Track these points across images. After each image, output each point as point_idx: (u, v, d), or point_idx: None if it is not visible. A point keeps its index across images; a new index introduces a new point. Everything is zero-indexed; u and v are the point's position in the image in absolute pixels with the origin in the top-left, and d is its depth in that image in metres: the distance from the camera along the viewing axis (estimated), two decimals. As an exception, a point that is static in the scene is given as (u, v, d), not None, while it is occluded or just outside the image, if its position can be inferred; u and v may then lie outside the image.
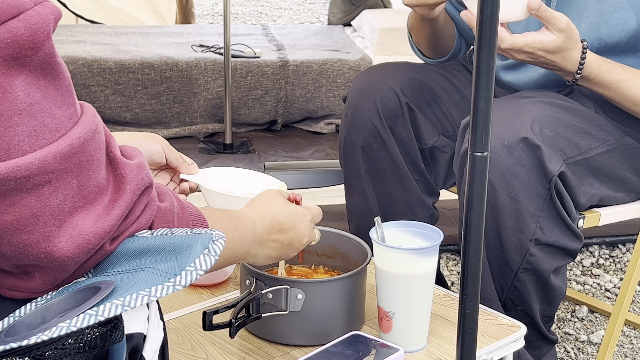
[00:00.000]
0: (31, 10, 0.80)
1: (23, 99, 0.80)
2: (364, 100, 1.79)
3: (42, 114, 0.81)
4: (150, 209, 0.93)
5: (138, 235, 0.91)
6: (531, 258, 1.57)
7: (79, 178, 0.84)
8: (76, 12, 4.01)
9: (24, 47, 0.79)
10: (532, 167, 1.53)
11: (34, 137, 0.80)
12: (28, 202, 0.81)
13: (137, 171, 0.91)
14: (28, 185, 0.80)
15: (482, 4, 0.97)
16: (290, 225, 1.23)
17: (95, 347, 0.81)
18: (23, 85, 0.80)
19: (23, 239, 0.82)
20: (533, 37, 1.56)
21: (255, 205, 1.22)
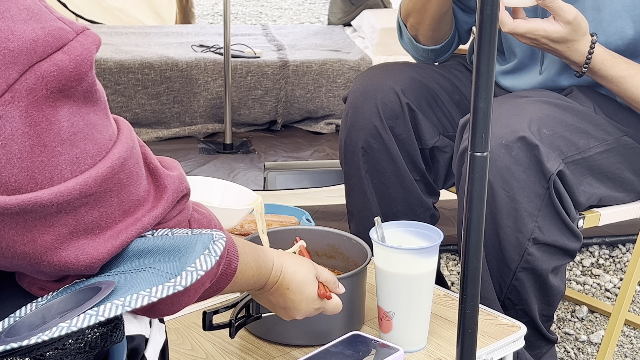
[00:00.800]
0: (74, 41, 0.81)
1: (67, 129, 0.81)
2: (365, 101, 1.79)
3: (84, 142, 0.82)
4: (183, 215, 0.95)
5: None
6: (529, 257, 1.57)
7: (120, 196, 0.86)
8: (76, 12, 4.01)
9: (69, 79, 0.80)
10: (530, 166, 1.53)
11: (76, 164, 0.82)
12: (66, 221, 0.82)
13: (178, 182, 0.93)
14: (68, 208, 0.82)
15: (482, 4, 0.97)
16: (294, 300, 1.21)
17: (95, 347, 0.81)
18: (67, 116, 0.81)
19: (62, 256, 0.83)
20: (537, 25, 1.56)
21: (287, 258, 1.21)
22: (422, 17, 1.84)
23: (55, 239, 0.82)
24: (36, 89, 0.79)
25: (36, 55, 0.78)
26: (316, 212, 2.48)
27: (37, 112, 0.79)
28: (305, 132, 3.29)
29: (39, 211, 0.80)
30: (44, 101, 0.79)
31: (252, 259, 1.10)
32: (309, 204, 2.47)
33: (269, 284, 1.17)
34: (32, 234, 0.81)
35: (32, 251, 0.82)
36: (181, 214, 0.94)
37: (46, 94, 0.79)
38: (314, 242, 1.53)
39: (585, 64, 1.61)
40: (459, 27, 1.90)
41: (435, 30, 1.86)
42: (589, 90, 1.72)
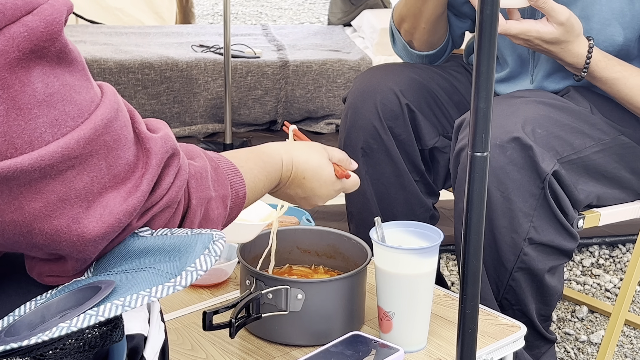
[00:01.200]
0: (45, 4, 0.81)
1: (42, 90, 0.80)
2: (364, 102, 1.79)
3: (62, 103, 0.81)
4: (180, 179, 0.93)
5: (138, 234, 0.91)
6: (525, 257, 1.57)
7: (107, 159, 0.84)
8: (76, 12, 4.01)
9: (41, 39, 0.80)
10: (524, 167, 1.53)
11: (56, 127, 0.81)
12: (54, 187, 0.81)
13: (161, 143, 0.91)
14: (52, 172, 0.81)
15: (482, 4, 0.97)
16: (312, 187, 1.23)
17: (95, 347, 0.81)
18: (41, 77, 0.80)
19: (53, 224, 0.82)
20: (529, 26, 1.56)
21: (295, 148, 1.22)
22: (418, 21, 1.84)
23: (44, 206, 0.81)
24: (7, 51, 0.78)
25: (5, 19, 0.78)
26: (316, 212, 2.48)
27: (9, 74, 0.78)
28: (305, 132, 3.29)
29: (22, 177, 0.79)
30: (15, 63, 0.78)
31: (259, 171, 1.12)
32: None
33: (283, 180, 1.18)
34: (19, 202, 0.80)
35: (21, 219, 0.81)
36: (178, 178, 0.93)
37: (18, 55, 0.78)
38: (314, 242, 1.53)
39: (584, 68, 1.61)
40: (452, 32, 1.90)
41: (431, 33, 1.86)
42: (586, 91, 1.72)
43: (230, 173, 1.06)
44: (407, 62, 1.92)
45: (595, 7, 1.63)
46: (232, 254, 1.58)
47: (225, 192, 1.03)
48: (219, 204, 1.01)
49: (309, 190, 1.22)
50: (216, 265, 1.53)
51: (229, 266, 1.56)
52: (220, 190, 1.02)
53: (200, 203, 0.97)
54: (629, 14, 1.63)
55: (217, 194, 1.01)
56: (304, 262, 1.54)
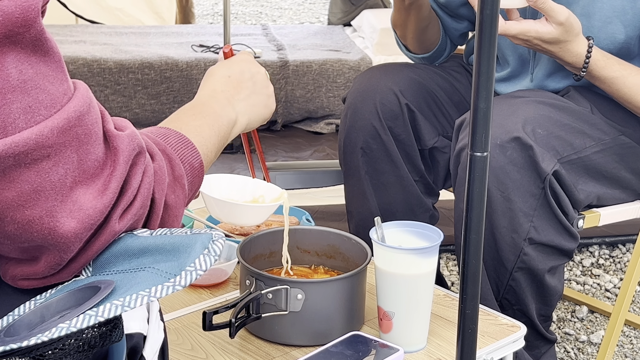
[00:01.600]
0: None
1: (16, 76, 0.80)
2: (364, 102, 1.79)
3: (35, 90, 0.81)
4: (148, 176, 0.93)
5: (138, 234, 0.91)
6: (525, 257, 1.57)
7: (79, 152, 0.85)
8: (76, 12, 4.01)
9: (15, 25, 0.79)
10: (524, 167, 1.53)
11: (30, 114, 0.81)
12: (28, 177, 0.81)
13: (128, 141, 0.91)
14: (27, 160, 0.81)
15: (482, 4, 0.97)
16: (238, 70, 1.25)
17: (94, 347, 0.81)
18: (15, 62, 0.80)
19: (26, 214, 0.82)
20: (529, 26, 1.56)
21: (202, 86, 1.25)
22: (405, 31, 1.88)
23: (17, 195, 0.81)
24: None
25: None
26: (316, 212, 2.48)
27: None
28: (305, 132, 3.29)
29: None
30: None
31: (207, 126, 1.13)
32: (309, 204, 2.47)
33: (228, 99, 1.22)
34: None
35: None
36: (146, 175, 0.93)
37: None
38: (314, 242, 1.53)
39: (583, 68, 1.61)
40: (450, 34, 1.90)
41: (420, 41, 1.89)
42: (586, 90, 1.72)
43: (181, 147, 1.06)
44: (407, 62, 1.92)
45: (596, 5, 1.63)
46: (232, 254, 1.58)
47: (180, 172, 1.02)
48: (175, 187, 1.00)
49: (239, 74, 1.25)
50: (216, 265, 1.53)
51: (229, 266, 1.56)
52: (174, 172, 1.01)
53: (161, 195, 0.97)
54: (630, 12, 1.63)
55: (171, 178, 1.00)
56: (304, 262, 1.54)
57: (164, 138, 1.05)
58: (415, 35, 1.87)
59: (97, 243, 0.89)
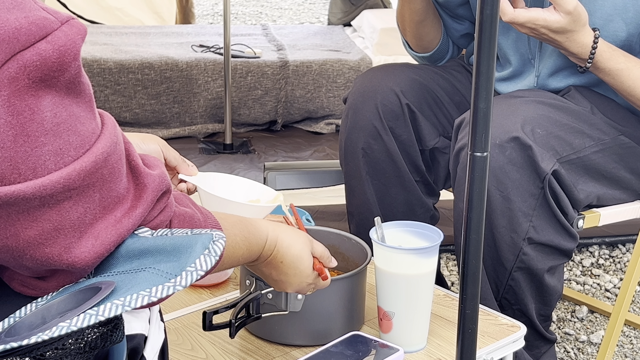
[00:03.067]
0: (58, 30, 0.80)
1: (50, 120, 0.80)
2: (365, 102, 1.79)
3: (67, 133, 0.82)
4: (165, 214, 0.94)
5: (138, 235, 0.91)
6: (524, 257, 1.57)
7: (101, 191, 0.85)
8: (76, 12, 4.01)
9: (52, 69, 0.80)
10: (524, 166, 1.53)
11: (59, 156, 0.81)
12: (50, 216, 0.82)
13: (159, 181, 0.92)
14: (51, 201, 0.81)
15: (482, 4, 0.97)
16: (287, 273, 1.21)
17: (95, 348, 0.81)
18: (50, 106, 0.80)
19: (45, 252, 0.83)
20: (537, 14, 1.56)
21: (282, 231, 1.20)
22: (404, 23, 1.88)
23: (39, 234, 0.82)
24: (18, 78, 0.78)
25: (19, 44, 0.78)
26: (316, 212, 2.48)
27: (19, 101, 0.78)
28: (305, 132, 3.29)
29: (22, 204, 0.79)
30: (26, 90, 0.78)
31: (241, 239, 1.09)
32: (309, 204, 2.47)
33: (262, 257, 1.17)
34: (15, 228, 0.81)
35: (14, 245, 0.82)
36: (163, 213, 0.93)
37: (28, 83, 0.78)
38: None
39: (589, 59, 1.61)
40: (451, 34, 1.91)
41: (417, 37, 1.89)
42: (587, 90, 1.72)
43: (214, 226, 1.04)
44: (408, 63, 1.92)
45: (597, 3, 1.63)
46: (232, 254, 1.58)
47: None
48: None
49: (283, 275, 1.21)
50: (216, 265, 1.53)
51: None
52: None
53: None
54: (632, 9, 1.62)
55: None
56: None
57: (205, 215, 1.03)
58: (412, 30, 1.87)
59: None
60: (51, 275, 0.87)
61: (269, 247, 1.16)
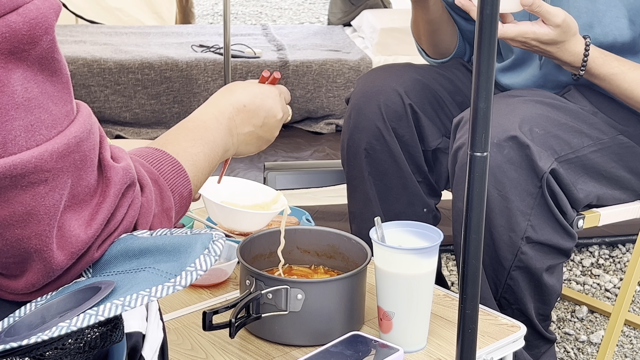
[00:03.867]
0: (30, 4, 0.79)
1: (20, 93, 0.79)
2: (367, 103, 1.79)
3: (39, 109, 0.81)
4: (133, 209, 0.93)
5: (138, 235, 0.91)
6: (523, 256, 1.57)
7: (73, 177, 0.84)
8: (76, 12, 4.01)
9: (22, 42, 0.79)
10: (521, 165, 1.53)
11: (30, 132, 0.80)
12: (22, 199, 0.81)
13: (122, 174, 0.90)
14: (23, 182, 0.80)
15: (482, 4, 0.97)
16: (256, 104, 1.20)
17: (95, 347, 0.81)
18: (20, 80, 0.79)
19: (16, 233, 0.82)
20: (526, 28, 1.56)
21: (214, 98, 1.20)
22: (418, 32, 1.89)
23: (10, 215, 0.81)
24: None
25: None
26: (316, 212, 2.48)
27: None
28: (305, 132, 3.29)
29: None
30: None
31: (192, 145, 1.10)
32: (309, 204, 2.47)
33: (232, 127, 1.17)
34: None
35: None
36: (131, 208, 0.92)
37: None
38: (314, 242, 1.53)
39: (582, 66, 1.61)
40: (466, 37, 1.90)
41: (432, 44, 1.89)
42: (587, 89, 1.72)
43: (174, 175, 1.04)
44: (410, 63, 1.92)
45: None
46: (232, 254, 1.58)
47: (169, 204, 1.02)
48: (162, 219, 1.00)
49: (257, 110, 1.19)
50: (216, 265, 1.53)
51: (229, 266, 1.56)
52: (164, 204, 1.01)
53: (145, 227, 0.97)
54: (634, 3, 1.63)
55: (159, 209, 1.00)
56: (304, 262, 1.54)
57: (158, 164, 1.04)
58: (427, 38, 1.88)
59: (75, 269, 0.89)
60: (20, 273, 0.86)
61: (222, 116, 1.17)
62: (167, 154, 1.06)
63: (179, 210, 1.05)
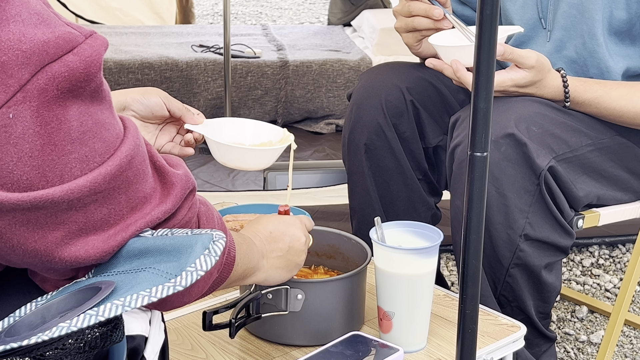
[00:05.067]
0: (84, 43, 0.83)
1: (76, 129, 0.83)
2: (369, 98, 1.79)
3: (92, 140, 0.84)
4: (192, 212, 0.97)
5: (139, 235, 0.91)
6: (521, 254, 1.57)
7: (127, 192, 0.88)
8: (76, 12, 4.01)
9: (79, 80, 0.82)
10: (519, 163, 1.53)
11: (85, 163, 0.84)
12: (76, 218, 0.84)
13: (185, 179, 0.95)
14: (78, 205, 0.84)
15: (482, 4, 0.97)
16: (281, 231, 1.25)
17: (95, 347, 0.81)
18: (77, 115, 0.83)
19: (72, 252, 0.85)
20: (503, 77, 1.59)
21: (249, 226, 1.25)
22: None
23: (65, 235, 0.84)
24: (47, 89, 0.80)
25: (48, 57, 0.80)
26: (316, 212, 2.48)
27: (47, 111, 0.81)
28: (305, 132, 3.29)
29: (50, 207, 0.82)
30: (54, 101, 0.81)
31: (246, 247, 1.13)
32: (309, 204, 2.47)
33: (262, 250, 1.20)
34: (43, 231, 0.83)
35: (42, 248, 0.84)
36: (191, 210, 0.97)
37: (57, 94, 0.81)
38: (314, 242, 1.53)
39: (566, 99, 1.63)
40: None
41: None
42: None
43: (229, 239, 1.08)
44: (412, 61, 1.92)
45: None
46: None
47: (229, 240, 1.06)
48: None
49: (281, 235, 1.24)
50: (216, 265, 1.53)
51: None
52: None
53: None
54: None
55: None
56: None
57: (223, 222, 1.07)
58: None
59: None
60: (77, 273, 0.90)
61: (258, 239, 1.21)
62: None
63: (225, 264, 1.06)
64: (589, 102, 1.64)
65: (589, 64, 1.69)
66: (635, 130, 1.71)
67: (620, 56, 1.69)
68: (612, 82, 1.66)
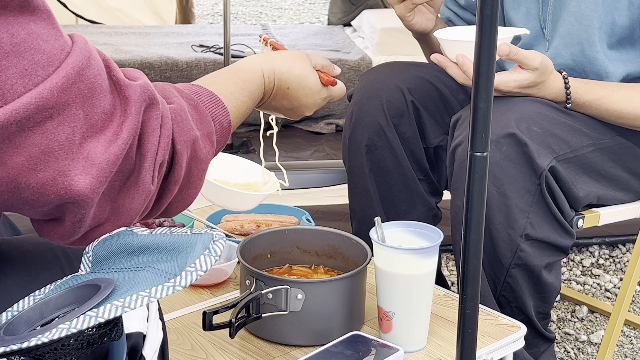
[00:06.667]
0: None
1: (7, 41, 0.79)
2: (370, 99, 1.79)
3: (30, 52, 0.80)
4: (166, 128, 0.93)
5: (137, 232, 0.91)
6: (522, 254, 1.57)
7: (84, 107, 0.83)
8: (76, 12, 4.01)
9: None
10: (520, 163, 1.53)
11: (27, 77, 0.80)
12: (34, 140, 0.80)
13: (140, 91, 0.90)
14: (29, 124, 0.80)
15: (482, 4, 0.97)
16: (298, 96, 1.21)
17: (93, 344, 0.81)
18: (4, 27, 0.79)
19: (39, 177, 0.82)
20: (506, 77, 1.59)
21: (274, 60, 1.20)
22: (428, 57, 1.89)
23: (27, 160, 0.81)
24: None
25: None
26: (316, 212, 2.48)
27: None
28: (305, 132, 3.29)
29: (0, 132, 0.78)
30: None
31: (240, 93, 1.10)
32: (309, 204, 2.47)
33: (267, 94, 1.17)
34: (1, 157, 0.80)
35: (5, 175, 0.81)
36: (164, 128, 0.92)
37: None
38: (314, 242, 1.53)
39: (567, 100, 1.63)
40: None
41: None
42: None
43: (212, 105, 1.05)
44: (413, 61, 1.92)
45: None
46: (232, 254, 1.58)
47: (210, 129, 1.02)
48: (205, 142, 1.01)
49: (295, 100, 1.20)
50: (216, 265, 1.53)
51: (229, 266, 1.56)
52: (204, 128, 1.01)
53: (185, 146, 0.96)
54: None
55: (202, 133, 1.00)
56: (304, 262, 1.54)
57: (196, 95, 1.04)
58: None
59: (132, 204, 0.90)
60: (62, 215, 0.86)
61: (269, 81, 1.16)
62: (204, 87, 1.07)
63: (219, 140, 1.05)
64: (590, 103, 1.64)
65: (588, 70, 1.69)
66: (636, 130, 1.71)
67: (621, 61, 1.69)
68: (614, 83, 1.66)
